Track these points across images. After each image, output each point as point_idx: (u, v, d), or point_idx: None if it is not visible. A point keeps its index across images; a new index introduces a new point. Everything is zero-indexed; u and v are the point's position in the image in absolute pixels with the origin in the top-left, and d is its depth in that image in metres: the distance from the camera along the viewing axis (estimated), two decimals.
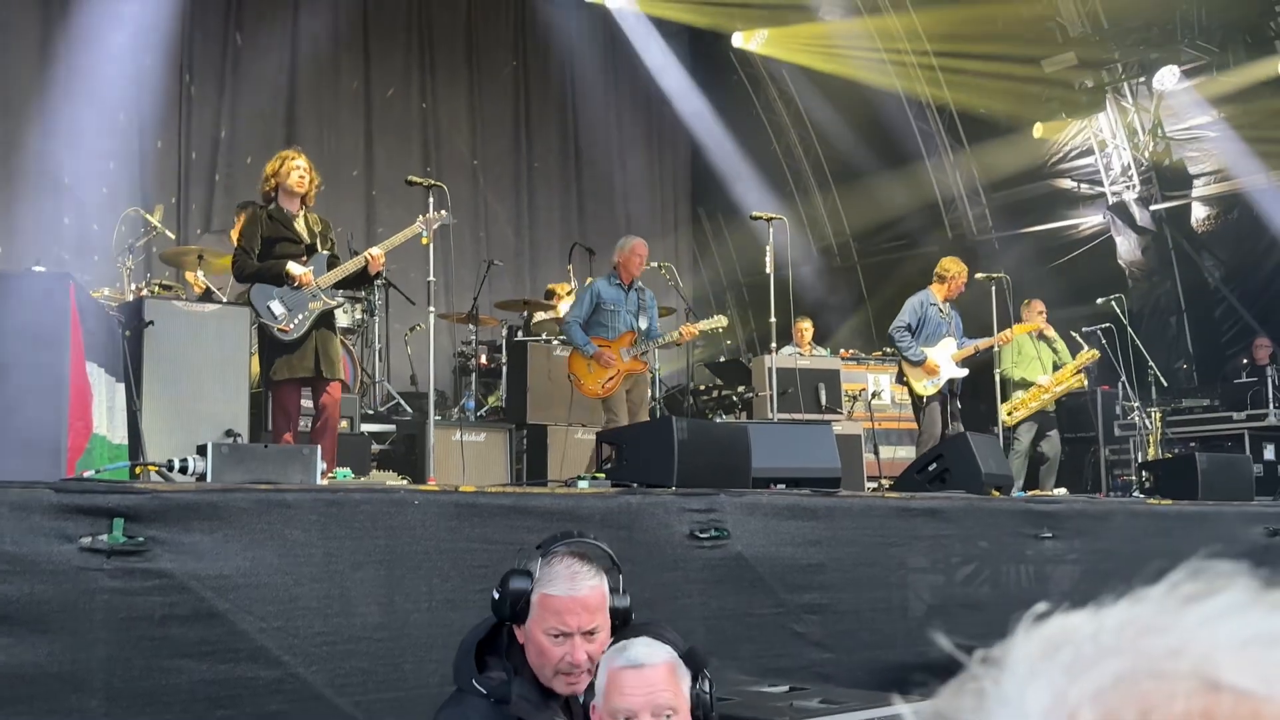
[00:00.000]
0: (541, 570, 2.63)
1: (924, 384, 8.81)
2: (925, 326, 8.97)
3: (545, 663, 2.57)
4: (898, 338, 8.97)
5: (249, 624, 3.27)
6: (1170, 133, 12.76)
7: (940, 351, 8.88)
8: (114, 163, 10.89)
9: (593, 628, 2.59)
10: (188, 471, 3.85)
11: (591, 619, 2.59)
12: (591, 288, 8.27)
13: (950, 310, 9.17)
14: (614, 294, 8.15)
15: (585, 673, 2.55)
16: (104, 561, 3.07)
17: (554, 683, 2.58)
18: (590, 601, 2.60)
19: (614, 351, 7.94)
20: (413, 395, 10.13)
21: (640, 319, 8.19)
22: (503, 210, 13.81)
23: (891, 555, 4.94)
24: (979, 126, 13.97)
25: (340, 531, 3.52)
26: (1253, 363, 11.34)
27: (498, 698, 2.55)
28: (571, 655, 2.54)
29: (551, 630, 2.56)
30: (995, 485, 6.24)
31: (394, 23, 13.13)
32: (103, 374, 5.03)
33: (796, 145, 15.79)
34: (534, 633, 2.59)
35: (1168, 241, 12.87)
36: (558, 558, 2.66)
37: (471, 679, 2.59)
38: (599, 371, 7.91)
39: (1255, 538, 6.44)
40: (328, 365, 6.08)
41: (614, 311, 8.09)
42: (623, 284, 8.19)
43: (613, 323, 8.07)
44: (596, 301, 8.11)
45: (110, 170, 10.87)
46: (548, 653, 2.56)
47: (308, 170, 6.23)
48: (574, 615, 2.57)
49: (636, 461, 4.72)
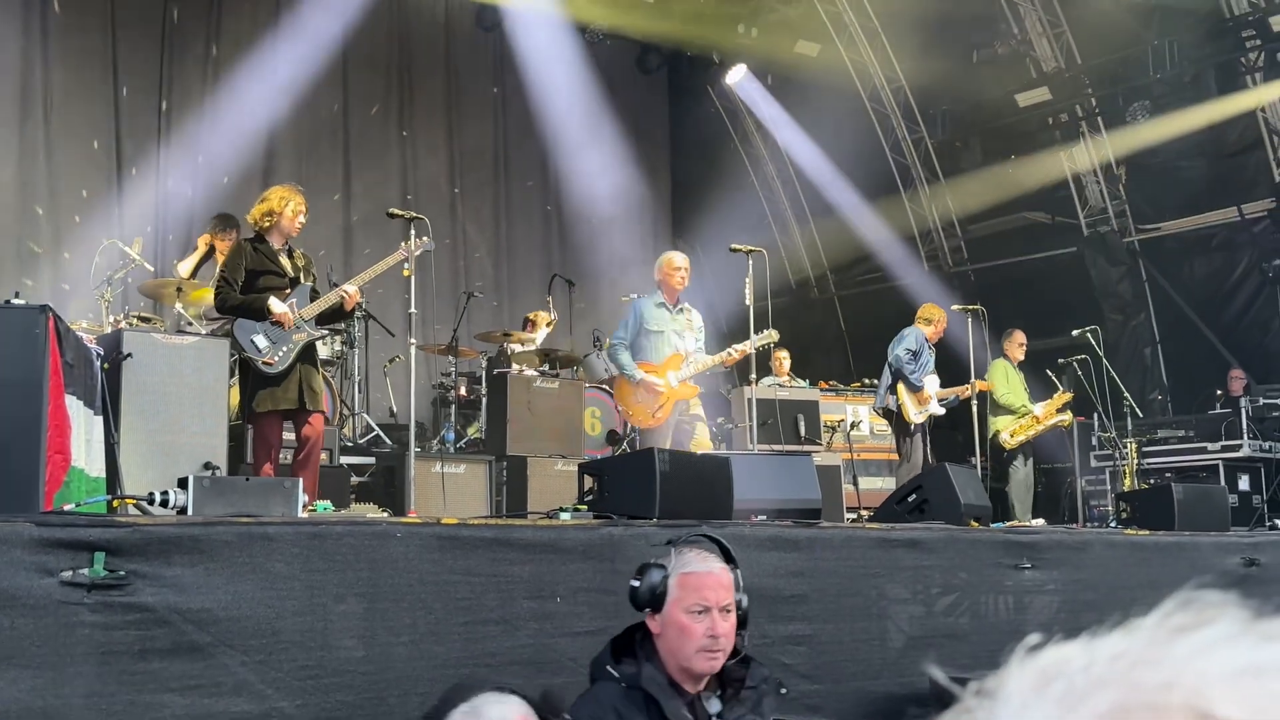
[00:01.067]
0: (674, 559, 2.92)
1: (915, 413, 8.94)
2: (921, 359, 9.16)
3: (687, 640, 2.82)
4: (907, 360, 9.14)
5: (231, 658, 3.25)
6: (1144, 166, 12.91)
7: (931, 385, 9.07)
8: (87, 190, 10.86)
9: (727, 604, 2.86)
10: (168, 504, 3.83)
11: (727, 595, 2.87)
12: (634, 306, 7.86)
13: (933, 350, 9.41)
14: (657, 314, 7.73)
15: (721, 651, 2.82)
16: (85, 595, 3.05)
17: (695, 660, 2.81)
18: (724, 580, 2.89)
19: (661, 375, 7.57)
20: (392, 427, 10.11)
21: (687, 339, 7.76)
22: (482, 241, 13.82)
23: (873, 586, 4.95)
24: (955, 160, 14.10)
25: (322, 564, 3.51)
26: (1227, 394, 11.44)
27: (629, 683, 2.80)
28: (713, 628, 2.80)
29: (694, 607, 2.81)
30: (974, 516, 6.26)
31: (373, 50, 13.14)
32: (81, 406, 5.00)
33: (774, 178, 15.90)
34: (674, 615, 2.84)
35: (1142, 274, 13.00)
36: (688, 548, 2.96)
37: (605, 666, 2.87)
38: (647, 400, 7.53)
39: (1232, 568, 6.47)
40: (311, 397, 6.08)
41: (659, 333, 7.67)
42: (667, 303, 7.79)
43: (657, 344, 7.65)
44: (640, 322, 7.72)
45: (84, 198, 10.84)
46: (689, 630, 2.81)
47: (305, 211, 6.28)
48: (713, 590, 2.84)
49: (618, 493, 4.72)
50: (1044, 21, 12.75)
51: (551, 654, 3.93)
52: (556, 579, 4.01)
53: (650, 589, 2.88)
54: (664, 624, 2.86)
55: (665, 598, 2.86)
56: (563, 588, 4.02)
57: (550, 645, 3.93)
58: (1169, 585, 3.03)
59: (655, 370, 7.56)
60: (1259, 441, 10.60)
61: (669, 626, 2.85)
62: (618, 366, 7.71)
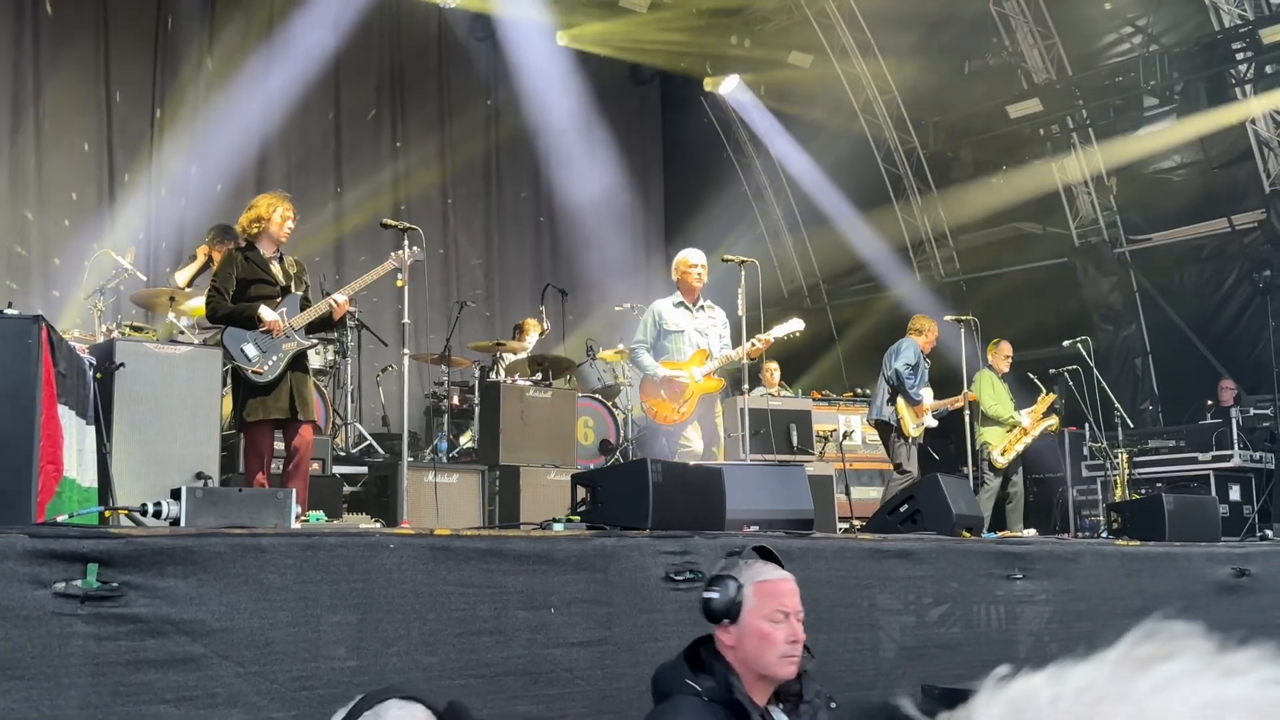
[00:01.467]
0: (744, 569, 2.96)
1: (913, 426, 8.95)
2: (919, 372, 9.17)
3: (768, 647, 2.86)
4: (906, 375, 9.15)
5: (225, 669, 3.24)
6: (1135, 177, 12.97)
7: (927, 397, 9.08)
8: (76, 194, 10.83)
9: (800, 612, 2.92)
10: (161, 516, 3.83)
11: (799, 601, 2.93)
12: (651, 309, 7.73)
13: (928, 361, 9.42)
14: (677, 315, 7.62)
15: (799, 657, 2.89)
16: (78, 607, 3.04)
17: (777, 666, 2.86)
18: (795, 586, 2.96)
19: (685, 370, 7.47)
20: (385, 436, 10.10)
21: (710, 337, 7.61)
22: (474, 251, 13.83)
23: (866, 596, 4.96)
24: (947, 171, 14.16)
25: (316, 575, 3.50)
26: (1218, 404, 11.48)
27: (711, 696, 2.81)
28: (794, 633, 2.87)
29: (774, 614, 2.87)
30: (966, 526, 6.28)
31: (365, 61, 13.15)
32: (73, 416, 5.00)
33: (766, 188, 15.95)
34: (752, 623, 2.88)
35: (1133, 284, 13.05)
36: (754, 559, 3.00)
37: (685, 679, 2.86)
38: (673, 397, 7.40)
39: (1223, 578, 6.49)
40: (302, 406, 6.08)
41: (679, 332, 7.57)
42: (686, 302, 7.66)
43: (678, 345, 7.55)
44: (659, 324, 7.61)
45: (74, 201, 10.81)
46: (770, 637, 2.86)
47: (294, 219, 6.28)
48: (790, 596, 2.92)
49: (611, 504, 4.72)
50: (1035, 33, 12.81)
51: (546, 665, 3.93)
52: (550, 590, 4.01)
53: (728, 600, 2.90)
54: (741, 634, 2.89)
55: (742, 607, 2.89)
56: (556, 598, 4.02)
57: (545, 656, 3.94)
58: (1160, 596, 3.11)
59: (678, 366, 7.48)
60: (1249, 452, 10.64)
61: (747, 636, 2.88)
62: (640, 368, 7.61)
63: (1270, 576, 6.74)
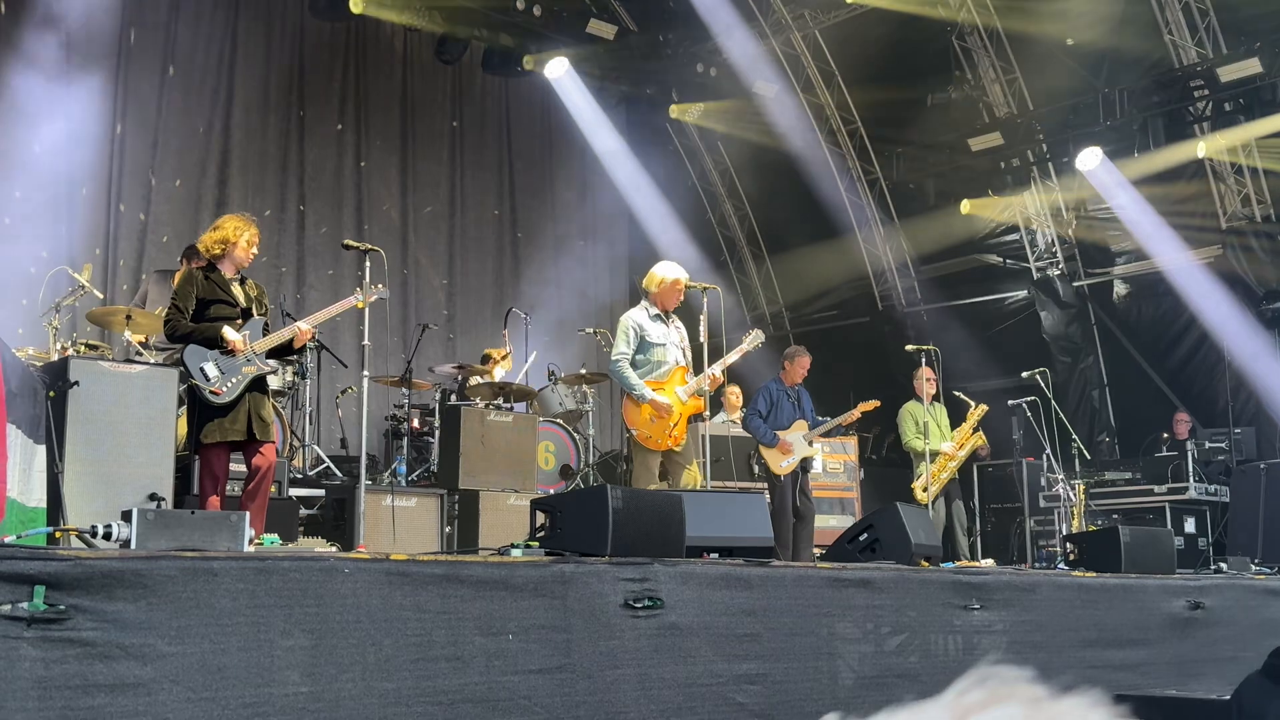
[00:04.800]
0: None
1: (781, 463, 8.92)
2: (777, 411, 9.11)
3: None
4: (749, 423, 9.14)
5: (175, 694, 3.19)
6: (1092, 211, 13.13)
7: (793, 432, 9.02)
8: (32, 206, 10.65)
9: None
10: (111, 538, 3.76)
11: None
12: (630, 318, 7.39)
13: (798, 390, 9.28)
14: (656, 327, 7.34)
15: None
16: (24, 629, 2.98)
17: None
18: None
19: (668, 392, 7.22)
20: (343, 459, 10.01)
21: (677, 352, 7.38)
22: (435, 273, 13.78)
23: (825, 625, 4.95)
24: (908, 201, 14.29)
25: (269, 600, 3.45)
26: (1173, 437, 11.60)
27: None
28: None
29: None
30: (924, 555, 6.29)
31: (328, 81, 13.08)
32: (20, 434, 4.91)
33: (731, 215, 16.02)
34: None
35: (1090, 317, 13.20)
36: None
37: None
38: (661, 421, 7.14)
39: (1178, 610, 6.53)
40: (260, 427, 6.00)
41: (660, 345, 7.30)
42: (661, 314, 7.40)
43: (661, 357, 7.29)
44: (641, 335, 7.29)
45: (31, 213, 10.62)
46: None
47: (257, 240, 6.22)
48: None
49: (570, 529, 4.69)
50: (997, 68, 12.97)
51: (504, 692, 3.89)
52: (508, 616, 3.98)
53: None
54: None
55: None
56: (514, 625, 3.98)
57: (502, 683, 3.90)
58: (1116, 627, 3.11)
59: (660, 388, 7.23)
60: (1204, 484, 10.76)
61: None
62: (625, 386, 7.24)
63: (1224, 609, 6.79)
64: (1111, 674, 5.96)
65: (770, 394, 9.21)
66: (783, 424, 9.06)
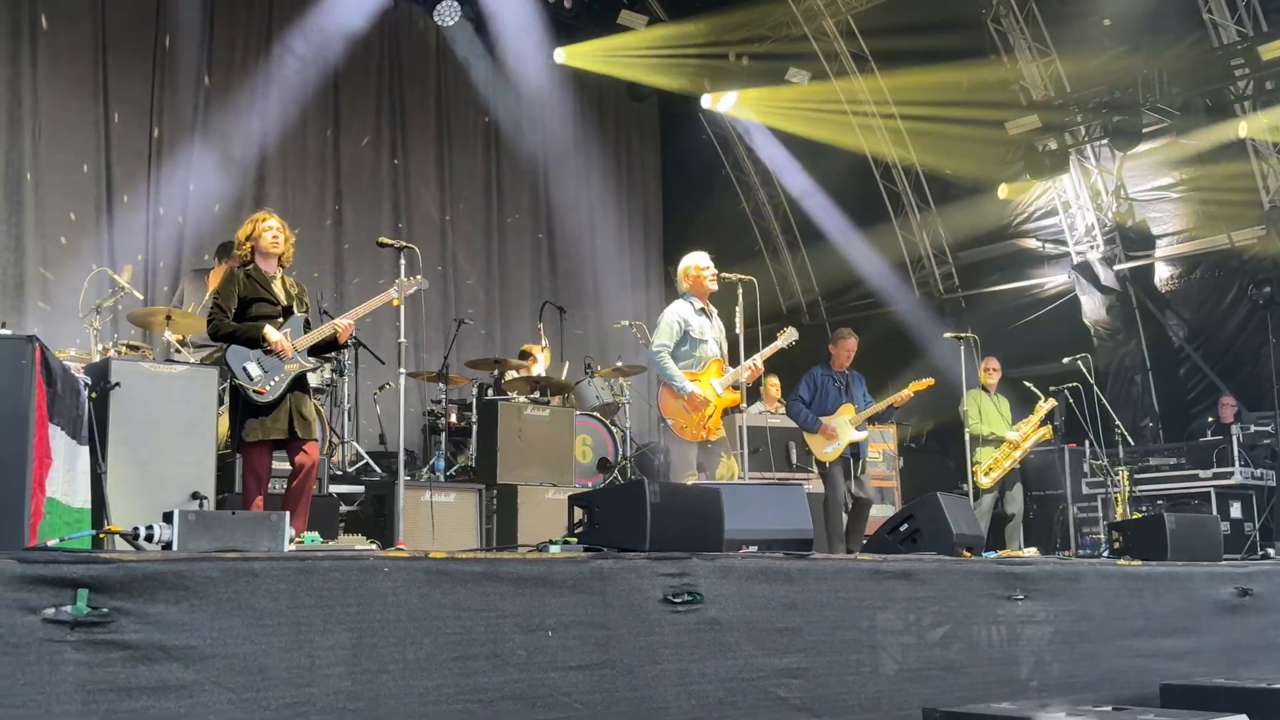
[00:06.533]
0: None
1: (825, 449, 8.86)
2: (821, 396, 9.04)
3: None
4: (791, 409, 9.11)
5: (218, 695, 3.20)
6: (1133, 194, 12.97)
7: (839, 417, 8.95)
8: (74, 213, 10.80)
9: None
10: (153, 539, 3.79)
11: None
12: (675, 312, 7.34)
13: (846, 375, 9.21)
14: (700, 321, 7.32)
15: None
16: (68, 633, 3.00)
17: None
18: None
19: (704, 384, 7.19)
20: (381, 455, 10.06)
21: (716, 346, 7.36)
22: (472, 268, 13.80)
23: (866, 617, 4.91)
24: (945, 187, 14.16)
25: (309, 600, 3.46)
26: (1218, 421, 11.45)
27: None
28: None
29: None
30: (966, 546, 6.24)
31: (364, 79, 13.14)
32: (63, 436, 4.96)
33: (765, 204, 15.94)
34: None
35: (1132, 301, 13.04)
36: None
37: None
38: (696, 412, 7.11)
39: (1226, 598, 6.45)
40: (302, 425, 6.03)
41: (702, 341, 7.28)
42: (705, 309, 7.39)
43: (702, 352, 7.28)
44: (684, 328, 7.27)
45: (71, 221, 10.77)
46: None
47: (280, 230, 6.22)
48: None
49: (608, 525, 4.68)
50: (1033, 50, 12.82)
51: (544, 689, 3.89)
52: (547, 612, 3.97)
53: None
54: None
55: None
56: (554, 621, 3.98)
57: (543, 680, 3.89)
58: (1164, 615, 3.07)
59: (696, 378, 7.20)
60: (1250, 469, 10.61)
61: None
62: (665, 377, 7.18)
63: (1273, 595, 6.70)
64: (1161, 663, 5.89)
65: (814, 379, 9.16)
66: (827, 409, 8.99)
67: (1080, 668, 5.62)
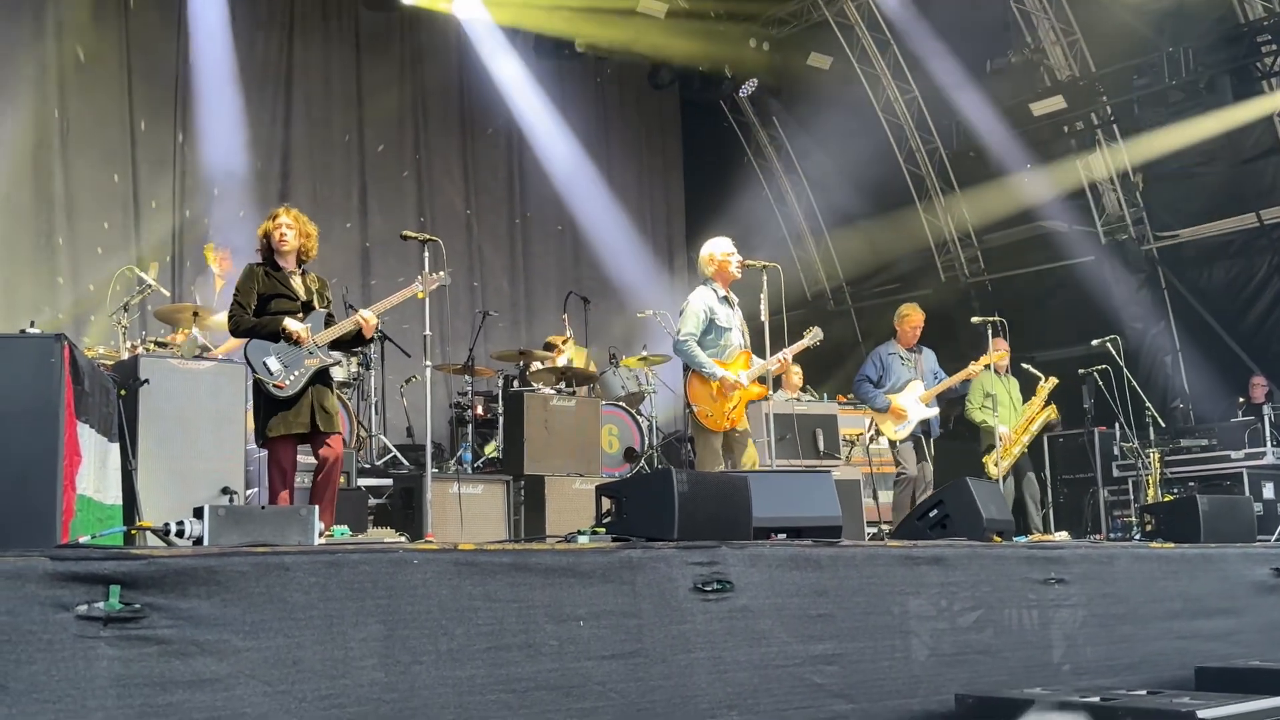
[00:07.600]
0: None
1: (895, 429, 8.81)
2: (889, 375, 8.99)
3: None
4: (858, 390, 9.08)
5: (252, 688, 3.21)
6: (1159, 173, 12.84)
7: (906, 395, 8.90)
8: (108, 223, 10.92)
9: None
10: (184, 535, 3.80)
11: None
12: (700, 299, 7.28)
13: (914, 353, 9.16)
14: (724, 310, 7.27)
15: None
16: (101, 629, 3.02)
17: None
18: None
19: (733, 373, 7.14)
20: (409, 448, 10.08)
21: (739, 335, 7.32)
22: (497, 260, 13.82)
23: (898, 603, 4.89)
24: (970, 169, 14.05)
25: (340, 593, 3.47)
26: (1249, 401, 11.34)
27: None
28: None
29: None
30: (997, 531, 6.20)
31: (387, 75, 13.19)
32: (93, 433, 4.99)
33: (788, 191, 15.88)
34: None
35: (1161, 281, 12.91)
36: None
37: None
38: (722, 400, 7.07)
39: (1262, 579, 6.38)
40: (324, 419, 6.03)
41: (727, 329, 7.25)
42: (728, 298, 7.36)
43: (727, 342, 7.24)
44: (710, 316, 7.21)
45: (104, 230, 10.89)
46: None
47: (294, 224, 6.19)
48: None
49: (636, 514, 4.66)
50: (1057, 30, 12.71)
51: (577, 678, 3.88)
52: (578, 603, 3.97)
53: None
54: None
55: None
56: (584, 611, 3.97)
57: (575, 670, 3.89)
58: (1200, 597, 3.02)
59: (726, 367, 7.16)
60: None
61: None
62: (693, 364, 7.12)
63: None
64: (1200, 644, 5.84)
65: (880, 359, 9.13)
66: (896, 388, 8.95)
67: (1116, 650, 5.57)
